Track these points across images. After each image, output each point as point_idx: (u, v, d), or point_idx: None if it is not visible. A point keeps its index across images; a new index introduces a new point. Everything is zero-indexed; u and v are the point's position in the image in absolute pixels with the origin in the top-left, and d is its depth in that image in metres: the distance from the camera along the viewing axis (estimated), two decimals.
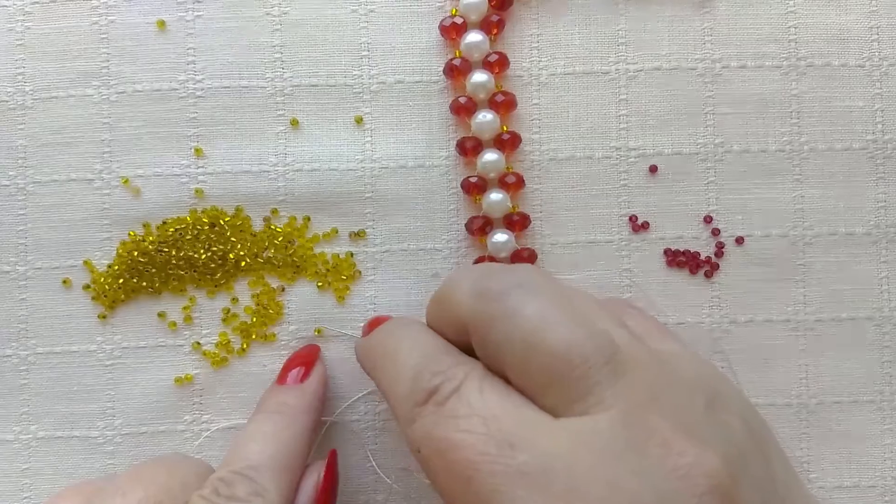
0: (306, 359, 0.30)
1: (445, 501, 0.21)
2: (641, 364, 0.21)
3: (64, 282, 0.31)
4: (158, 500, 0.23)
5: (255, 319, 0.31)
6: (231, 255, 0.31)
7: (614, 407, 0.20)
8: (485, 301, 0.23)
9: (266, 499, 0.24)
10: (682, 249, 0.32)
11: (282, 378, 0.29)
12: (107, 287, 0.31)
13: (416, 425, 0.22)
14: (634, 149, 0.32)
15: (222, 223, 0.31)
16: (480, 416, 0.21)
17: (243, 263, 0.31)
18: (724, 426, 0.21)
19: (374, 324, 0.28)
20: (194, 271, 0.31)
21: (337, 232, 0.31)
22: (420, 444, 0.22)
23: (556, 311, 0.22)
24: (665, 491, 0.19)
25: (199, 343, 0.31)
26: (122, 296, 0.31)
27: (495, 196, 0.31)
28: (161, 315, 0.31)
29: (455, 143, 0.31)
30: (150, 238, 0.31)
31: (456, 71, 0.31)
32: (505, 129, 0.31)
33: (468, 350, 0.24)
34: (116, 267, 0.31)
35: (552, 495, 0.19)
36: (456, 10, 0.31)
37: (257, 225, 0.31)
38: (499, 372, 0.22)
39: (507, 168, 0.31)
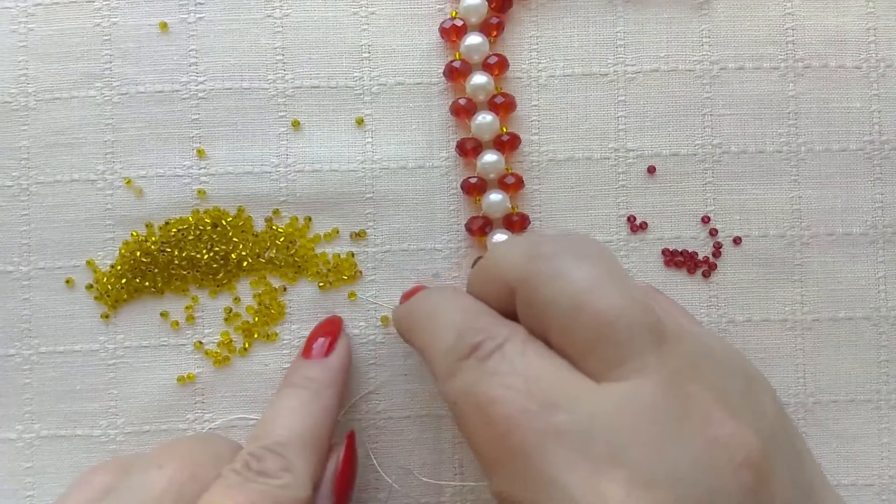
0: (331, 330, 0.30)
1: (478, 456, 0.21)
2: (682, 338, 0.22)
3: (67, 282, 0.31)
4: (192, 472, 0.24)
5: (256, 319, 0.31)
6: (233, 256, 0.31)
7: (656, 374, 0.20)
8: (536, 261, 0.23)
9: (295, 474, 0.25)
10: (680, 249, 0.32)
11: (307, 351, 0.29)
12: (109, 287, 0.31)
13: (456, 379, 0.22)
14: (633, 150, 0.32)
15: (224, 223, 0.31)
16: (521, 374, 0.21)
17: (245, 263, 0.31)
18: (760, 407, 0.21)
19: (412, 292, 0.29)
20: (196, 271, 0.31)
21: (338, 232, 0.32)
22: (458, 397, 0.22)
23: (606, 277, 0.22)
24: (703, 459, 0.19)
25: (201, 342, 0.31)
26: (125, 295, 0.31)
27: (495, 197, 0.31)
28: (163, 315, 0.31)
29: (455, 144, 0.31)
30: (153, 238, 0.31)
31: (456, 73, 0.31)
32: (504, 130, 0.31)
33: (509, 317, 0.24)
34: (119, 267, 0.31)
35: (592, 456, 0.19)
36: (456, 13, 0.31)
37: (259, 225, 0.32)
38: (541, 336, 0.22)
39: (507, 169, 0.31)
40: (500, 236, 0.31)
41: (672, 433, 0.19)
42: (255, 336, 0.31)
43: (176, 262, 0.31)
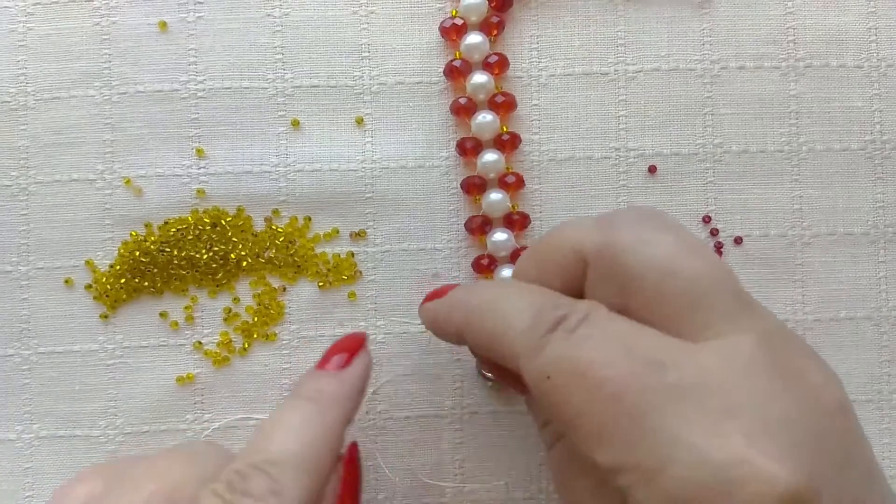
0: (351, 345, 0.27)
1: (580, 430, 0.20)
2: (759, 304, 0.22)
3: (66, 281, 0.31)
4: (169, 495, 0.22)
5: (256, 319, 0.31)
6: (232, 255, 0.31)
7: (751, 332, 0.21)
8: (615, 231, 0.22)
9: (282, 498, 0.21)
10: None
11: (323, 362, 0.27)
12: (108, 287, 0.31)
13: (546, 351, 0.21)
14: (633, 149, 0.32)
15: (224, 223, 0.31)
16: (618, 339, 0.21)
17: (245, 263, 0.31)
18: (830, 369, 0.22)
19: (439, 292, 0.27)
20: (196, 271, 0.31)
21: (338, 232, 0.32)
22: (551, 369, 0.21)
23: (691, 242, 0.22)
24: (807, 405, 0.20)
25: (200, 342, 0.31)
26: (124, 295, 0.31)
27: (495, 196, 0.31)
28: (163, 315, 0.31)
29: (455, 143, 0.31)
30: (152, 238, 0.31)
31: (456, 72, 0.31)
32: (505, 129, 0.31)
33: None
34: (118, 267, 0.31)
35: (708, 410, 0.19)
36: (456, 12, 0.31)
37: (258, 225, 0.32)
38: (619, 311, 0.22)
39: (507, 168, 0.31)
40: (500, 235, 0.31)
41: (776, 383, 0.20)
42: (255, 336, 0.31)
43: (175, 262, 0.31)
